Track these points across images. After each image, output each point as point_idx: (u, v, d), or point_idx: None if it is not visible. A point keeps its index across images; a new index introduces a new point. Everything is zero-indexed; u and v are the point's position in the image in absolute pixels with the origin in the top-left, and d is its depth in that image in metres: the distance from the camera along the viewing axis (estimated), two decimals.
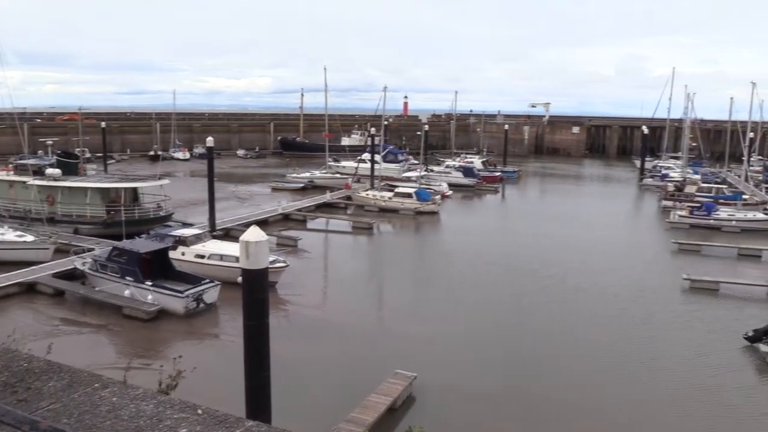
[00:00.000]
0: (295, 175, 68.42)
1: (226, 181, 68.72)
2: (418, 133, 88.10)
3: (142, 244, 29.63)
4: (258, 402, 10.74)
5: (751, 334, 24.75)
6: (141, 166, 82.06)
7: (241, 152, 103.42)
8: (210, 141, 41.82)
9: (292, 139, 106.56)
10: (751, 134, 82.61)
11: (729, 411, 19.57)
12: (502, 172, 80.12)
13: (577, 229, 48.20)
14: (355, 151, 77.22)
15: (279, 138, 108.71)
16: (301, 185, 65.14)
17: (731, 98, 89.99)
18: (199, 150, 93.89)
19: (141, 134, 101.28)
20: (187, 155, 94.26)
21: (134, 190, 42.90)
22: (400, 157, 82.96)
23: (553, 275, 34.63)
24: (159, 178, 44.76)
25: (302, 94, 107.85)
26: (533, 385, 20.84)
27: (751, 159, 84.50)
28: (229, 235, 39.68)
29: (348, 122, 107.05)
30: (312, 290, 31.47)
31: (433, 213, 52.99)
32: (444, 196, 59.00)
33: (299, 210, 50.72)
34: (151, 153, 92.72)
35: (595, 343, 24.84)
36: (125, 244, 29.60)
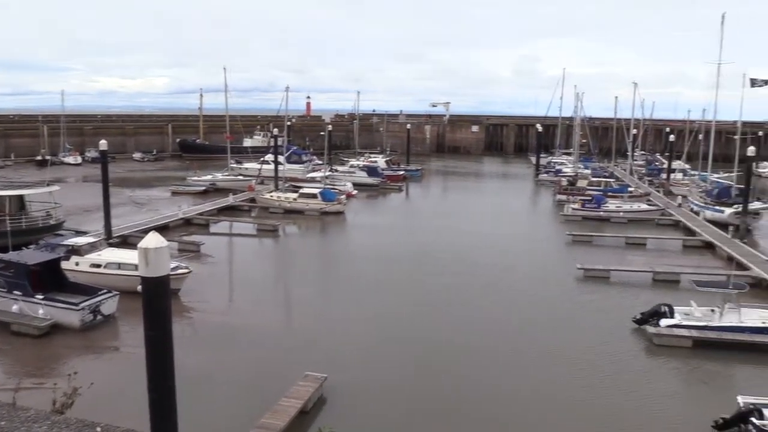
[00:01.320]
0: (196, 178, 66.51)
1: (123, 185, 65.80)
2: (322, 133, 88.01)
3: (31, 256, 27.85)
4: (163, 414, 10.39)
5: (639, 317, 26.58)
6: (28, 171, 76.95)
7: (137, 155, 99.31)
8: (103, 144, 39.96)
9: (192, 141, 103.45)
10: (635, 131, 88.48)
11: (628, 393, 20.88)
12: (405, 170, 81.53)
13: (479, 225, 49.84)
14: (257, 153, 76.18)
15: (178, 140, 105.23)
16: (203, 188, 63.40)
17: (616, 97, 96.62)
18: (91, 154, 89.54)
19: (27, 138, 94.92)
20: (79, 159, 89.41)
21: (20, 197, 40.19)
22: (304, 158, 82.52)
23: (458, 270, 35.62)
24: (48, 184, 42.31)
25: (201, 95, 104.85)
26: (443, 379, 21.36)
27: (635, 154, 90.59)
28: (127, 242, 38.01)
29: (250, 123, 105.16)
30: (217, 296, 30.72)
31: (339, 213, 53.08)
32: (349, 196, 59.22)
33: (201, 214, 49.34)
34: (39, 158, 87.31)
35: (500, 335, 25.77)
36: (11, 256, 27.67)
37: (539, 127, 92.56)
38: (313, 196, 53.99)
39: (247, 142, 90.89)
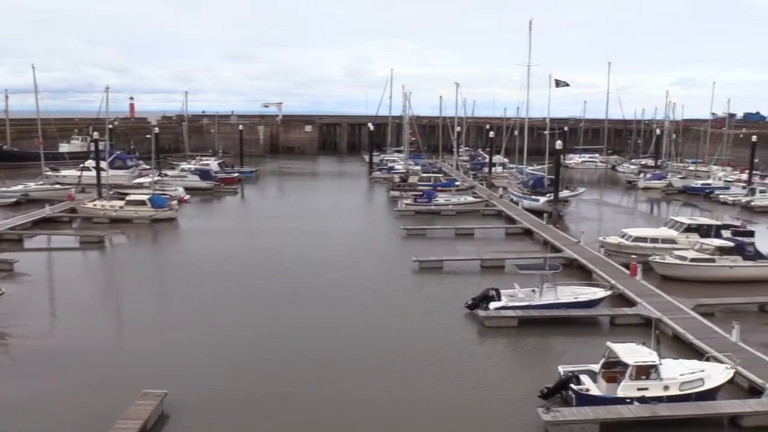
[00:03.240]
0: (4, 189, 59.95)
1: None
2: (148, 136, 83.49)
3: None
4: None
5: (470, 302, 28.45)
6: None
7: None
8: None
9: None
10: (458, 128, 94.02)
11: (463, 373, 22.22)
12: (239, 172, 79.94)
13: (318, 224, 50.16)
14: (76, 158, 70.82)
15: None
16: (13, 200, 57.27)
17: (440, 97, 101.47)
18: None
19: None
20: None
21: None
22: (130, 163, 77.75)
23: (300, 272, 35.61)
24: None
25: (7, 96, 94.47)
26: (289, 387, 21.24)
27: (460, 150, 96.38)
28: None
29: (66, 126, 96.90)
30: (37, 317, 27.94)
31: (171, 219, 50.74)
32: (181, 201, 56.77)
33: (12, 228, 44.59)
34: None
35: (345, 337, 26.13)
36: None
37: (371, 126, 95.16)
38: (142, 203, 51.06)
39: (64, 148, 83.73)
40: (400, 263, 37.49)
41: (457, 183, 68.11)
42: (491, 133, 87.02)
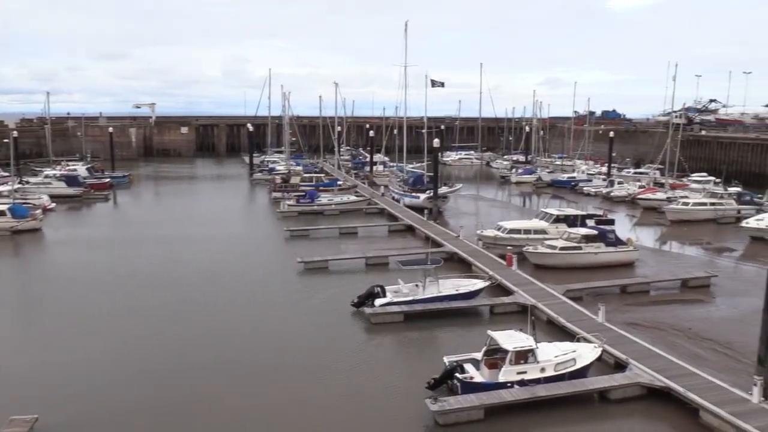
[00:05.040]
0: None
1: None
2: (6, 140, 76.96)
3: None
4: None
5: (356, 300, 28.73)
6: None
7: None
8: None
9: None
10: (339, 128, 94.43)
11: (352, 370, 22.39)
12: (111, 177, 75.64)
13: (198, 229, 48.49)
14: None
15: None
16: None
17: (320, 97, 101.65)
18: None
19: None
20: None
21: None
22: None
23: (181, 280, 34.29)
24: None
25: None
26: (174, 396, 20.51)
27: (341, 149, 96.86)
28: None
29: None
30: None
31: (35, 230, 47.13)
32: (46, 210, 52.89)
33: None
34: None
35: (232, 340, 25.53)
36: None
37: (250, 127, 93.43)
38: (1, 213, 47.03)
39: None
40: (285, 265, 37.12)
41: (339, 183, 68.36)
42: (371, 133, 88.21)
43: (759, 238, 43.89)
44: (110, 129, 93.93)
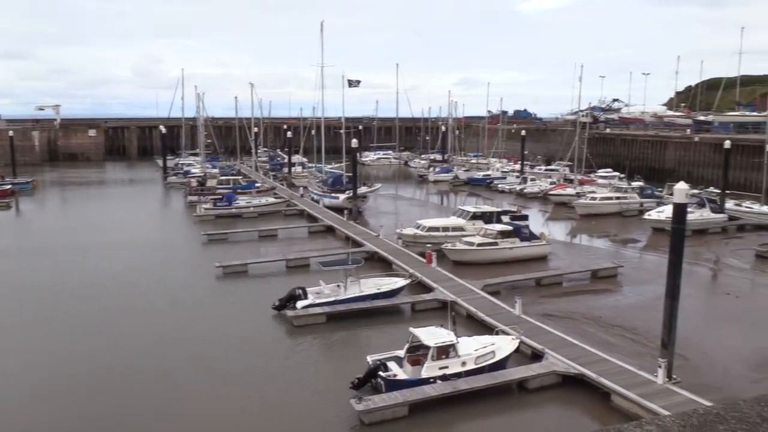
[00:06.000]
0: None
1: None
2: None
3: None
4: None
5: (277, 303, 28.40)
6: None
7: None
8: None
9: None
10: (256, 129, 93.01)
11: (274, 374, 22.12)
12: (12, 184, 71.22)
13: (111, 235, 46.49)
14: None
15: None
16: None
17: (236, 97, 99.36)
18: None
19: None
20: None
21: None
22: None
23: (93, 288, 32.76)
24: None
25: None
26: (89, 409, 19.63)
27: (258, 151, 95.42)
28: None
29: None
30: None
31: None
32: None
33: None
34: None
35: (149, 348, 24.62)
36: None
37: (163, 129, 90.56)
38: None
39: None
40: (203, 270, 36.20)
41: (257, 184, 67.42)
42: (289, 134, 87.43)
43: (660, 229, 46.61)
44: (10, 132, 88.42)
